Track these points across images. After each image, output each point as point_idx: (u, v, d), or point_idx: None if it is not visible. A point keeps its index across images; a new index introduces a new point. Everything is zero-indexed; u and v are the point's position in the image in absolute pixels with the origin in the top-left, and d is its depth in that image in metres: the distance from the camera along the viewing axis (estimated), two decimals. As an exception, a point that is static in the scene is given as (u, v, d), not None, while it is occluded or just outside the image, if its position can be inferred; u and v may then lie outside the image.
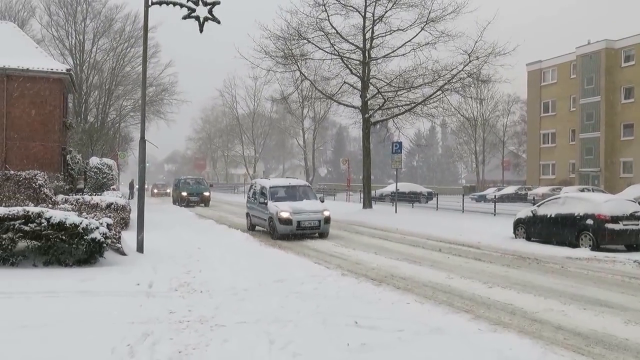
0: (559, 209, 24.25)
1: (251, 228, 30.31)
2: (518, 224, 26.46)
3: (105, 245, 16.14)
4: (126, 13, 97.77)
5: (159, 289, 13.17)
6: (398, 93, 42.90)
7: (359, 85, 43.31)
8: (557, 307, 12.58)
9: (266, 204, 27.24)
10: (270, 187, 27.98)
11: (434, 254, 21.48)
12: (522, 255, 21.28)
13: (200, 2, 19.14)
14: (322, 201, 27.90)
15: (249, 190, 31.62)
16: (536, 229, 25.21)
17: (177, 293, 12.88)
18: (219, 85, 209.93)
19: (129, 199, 51.54)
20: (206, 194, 55.90)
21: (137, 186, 78.04)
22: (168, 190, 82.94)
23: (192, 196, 55.03)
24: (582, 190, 50.82)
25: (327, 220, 26.53)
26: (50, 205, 22.62)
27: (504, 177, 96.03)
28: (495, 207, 41.62)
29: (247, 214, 31.32)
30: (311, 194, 28.63)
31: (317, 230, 26.33)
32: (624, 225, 22.19)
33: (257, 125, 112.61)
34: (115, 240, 17.48)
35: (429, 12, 39.86)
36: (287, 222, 25.67)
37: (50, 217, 15.54)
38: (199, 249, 20.38)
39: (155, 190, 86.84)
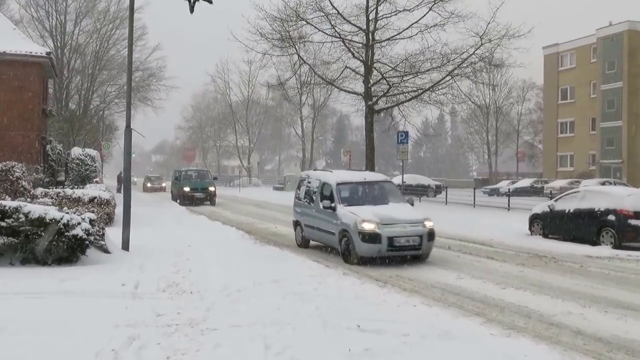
0: (578, 203, 24.25)
1: (304, 244, 22.94)
2: (534, 219, 26.48)
3: (87, 242, 16.12)
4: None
5: (146, 290, 13.15)
6: (404, 78, 42.74)
7: (362, 70, 43.16)
8: (576, 310, 12.57)
9: (334, 209, 20.05)
10: (338, 184, 20.82)
11: (443, 252, 21.48)
12: (538, 253, 21.27)
13: (191, -20, 19.06)
14: (412, 204, 21.47)
15: (298, 189, 24.18)
16: (553, 225, 25.22)
17: (166, 294, 12.87)
18: (211, 70, 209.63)
19: (117, 192, 51.57)
20: (211, 189, 50.50)
21: None
22: (163, 184, 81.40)
23: (196, 192, 50.01)
24: (603, 184, 50.77)
25: (431, 235, 19.15)
26: (28, 199, 22.60)
27: (519, 169, 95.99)
28: (509, 201, 41.69)
29: (297, 223, 23.65)
30: (396, 195, 21.64)
31: (417, 250, 18.90)
32: (648, 221, 22.18)
33: (252, 113, 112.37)
34: (98, 237, 17.46)
35: (438, -9, 39.72)
36: (373, 238, 18.30)
37: (29, 212, 15.53)
38: (190, 247, 20.38)
39: (149, 184, 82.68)
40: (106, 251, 17.56)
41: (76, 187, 34.07)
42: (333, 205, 20.23)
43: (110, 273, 14.83)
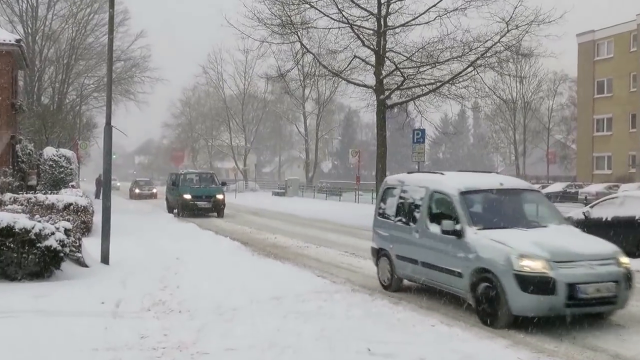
0: (616, 210, 24.15)
1: (395, 285, 17.18)
2: (567, 229, 26.38)
3: (62, 254, 16.10)
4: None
5: (129, 309, 13.14)
6: (420, 69, 42.64)
7: (373, 60, 43.09)
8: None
9: (460, 234, 14.45)
10: (463, 194, 15.22)
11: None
12: (571, 267, 21.18)
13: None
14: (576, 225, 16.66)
15: (382, 201, 18.73)
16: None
17: (151, 313, 12.86)
18: (202, 60, 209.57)
19: (95, 198, 51.51)
20: (219, 196, 45.50)
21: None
22: (154, 190, 79.47)
23: (199, 200, 44.89)
24: (645, 189, 50.66)
25: (629, 279, 13.51)
26: (-5, 206, 22.60)
27: (550, 171, 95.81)
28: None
29: (381, 253, 18.09)
30: (552, 211, 16.22)
31: (611, 305, 13.43)
32: (696, 231, 22.09)
33: (249, 109, 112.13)
34: (74, 249, 17.46)
35: (458, -30, 39.64)
36: (543, 285, 12.67)
37: (-4, 221, 15.52)
38: (178, 260, 20.37)
39: (137, 190, 79.42)
40: (83, 265, 17.56)
41: (49, 192, 34.07)
42: (458, 228, 14.43)
43: (88, 289, 14.83)
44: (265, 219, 42.41)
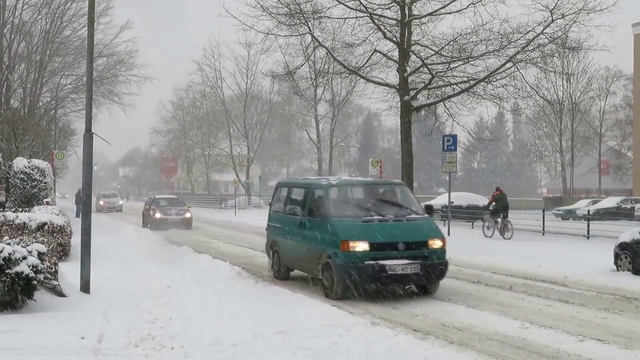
0: (680, 229, 24.12)
1: None
2: (621, 250, 26.30)
3: (36, 282, 16.10)
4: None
5: (113, 345, 13.15)
6: (451, 66, 42.62)
7: (396, 54, 43.11)
8: (678, 370, 12.47)
9: None
10: None
11: (502, 293, 21.44)
12: (626, 294, 21.15)
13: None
14: None
15: None
16: (647, 257, 25.06)
17: (139, 350, 12.87)
18: (197, 56, 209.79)
19: (76, 217, 51.50)
20: (435, 243, 20.97)
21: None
22: (188, 215, 57.58)
23: (392, 256, 19.90)
24: None
25: None
26: (-42, 226, 22.69)
27: (602, 184, 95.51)
28: (588, 226, 41.49)
29: None
30: None
31: None
32: None
33: (251, 112, 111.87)
34: (50, 276, 17.45)
35: (495, -51, 39.61)
36: None
37: (-42, 243, 15.56)
38: (170, 288, 20.39)
39: (158, 215, 56.77)
40: (60, 294, 17.57)
41: (20, 209, 34.14)
42: None
43: (65, 323, 14.83)
44: (270, 240, 42.30)
